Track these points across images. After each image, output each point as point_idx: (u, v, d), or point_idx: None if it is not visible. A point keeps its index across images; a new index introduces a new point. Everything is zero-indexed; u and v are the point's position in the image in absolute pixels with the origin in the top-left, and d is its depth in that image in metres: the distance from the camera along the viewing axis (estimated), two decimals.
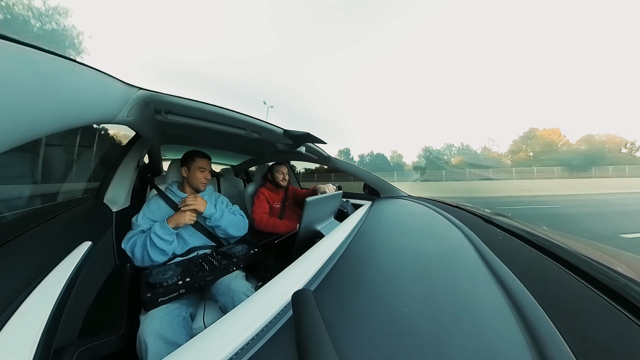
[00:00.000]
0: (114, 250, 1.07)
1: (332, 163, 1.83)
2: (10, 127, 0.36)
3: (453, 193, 17.72)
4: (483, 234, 0.73)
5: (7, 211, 0.82)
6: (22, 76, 0.34)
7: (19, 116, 0.37)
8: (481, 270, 0.51)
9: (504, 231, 0.77)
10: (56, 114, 0.45)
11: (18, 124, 0.37)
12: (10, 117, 0.35)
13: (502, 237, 0.72)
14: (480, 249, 0.61)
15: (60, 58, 0.40)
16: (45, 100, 0.40)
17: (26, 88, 0.35)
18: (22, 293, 0.48)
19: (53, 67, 0.40)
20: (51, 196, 1.11)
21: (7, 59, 0.31)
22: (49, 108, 0.42)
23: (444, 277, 0.50)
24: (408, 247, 0.69)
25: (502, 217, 0.96)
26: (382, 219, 1.11)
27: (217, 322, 0.40)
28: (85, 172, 1.39)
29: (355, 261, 0.63)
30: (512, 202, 11.15)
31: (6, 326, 0.40)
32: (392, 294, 0.45)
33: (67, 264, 0.63)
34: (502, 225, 0.82)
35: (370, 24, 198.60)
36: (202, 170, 1.22)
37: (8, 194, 0.90)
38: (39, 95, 0.38)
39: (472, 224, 0.86)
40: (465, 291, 0.44)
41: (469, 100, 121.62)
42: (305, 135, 1.17)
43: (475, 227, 0.83)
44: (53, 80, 0.40)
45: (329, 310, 0.40)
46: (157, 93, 0.75)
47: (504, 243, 0.67)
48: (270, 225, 1.54)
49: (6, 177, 0.91)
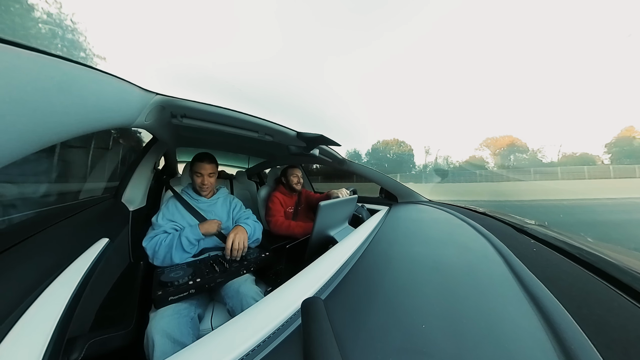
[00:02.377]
0: (129, 248, 1.14)
1: (347, 166, 1.81)
2: (39, 130, 0.40)
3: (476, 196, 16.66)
4: (514, 245, 0.69)
5: (37, 207, 0.91)
6: (50, 84, 0.38)
7: (48, 120, 0.40)
8: (512, 286, 0.47)
9: (540, 242, 0.71)
10: (81, 118, 0.49)
11: (47, 127, 0.41)
12: (40, 121, 0.39)
13: (538, 249, 0.67)
14: (510, 262, 0.57)
15: (85, 67, 0.44)
16: (71, 105, 0.44)
17: (54, 95, 0.39)
18: (43, 283, 0.52)
19: (78, 75, 0.44)
20: (75, 194, 1.21)
21: (37, 69, 0.35)
22: (74, 113, 0.46)
23: (468, 293, 0.47)
24: (428, 258, 0.66)
25: (536, 226, 0.89)
26: (399, 226, 1.08)
27: (224, 325, 0.41)
28: (106, 173, 1.50)
29: (370, 270, 0.61)
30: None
31: (26, 314, 0.43)
32: (409, 308, 0.43)
33: (85, 258, 0.68)
34: (537, 235, 0.77)
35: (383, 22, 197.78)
36: (198, 176, 1.21)
37: (38, 192, 0.99)
38: (65, 101, 0.42)
39: (501, 233, 0.81)
40: (493, 310, 0.41)
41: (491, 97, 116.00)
42: (319, 137, 1.17)
43: (505, 236, 0.78)
44: (78, 87, 0.44)
45: (340, 321, 0.39)
46: (173, 98, 0.79)
47: (540, 256, 0.62)
48: (285, 227, 1.55)
49: (37, 175, 1.00)
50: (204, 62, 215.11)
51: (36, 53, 0.34)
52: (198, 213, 1.20)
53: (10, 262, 0.52)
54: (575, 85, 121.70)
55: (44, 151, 0.94)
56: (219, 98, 0.89)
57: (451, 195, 16.87)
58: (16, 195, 0.83)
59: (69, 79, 0.42)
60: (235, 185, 2.16)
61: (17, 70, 0.32)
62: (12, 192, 0.82)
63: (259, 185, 2.56)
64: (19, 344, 0.38)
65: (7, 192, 0.81)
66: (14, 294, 0.46)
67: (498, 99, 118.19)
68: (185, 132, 1.34)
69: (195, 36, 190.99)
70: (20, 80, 0.32)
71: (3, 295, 0.44)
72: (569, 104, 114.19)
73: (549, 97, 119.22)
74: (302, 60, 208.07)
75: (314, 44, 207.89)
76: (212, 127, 1.02)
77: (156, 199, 1.51)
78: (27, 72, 0.33)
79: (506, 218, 1.04)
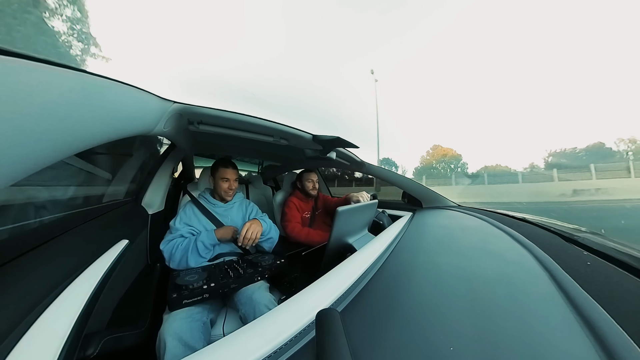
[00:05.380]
0: (147, 250, 1.22)
1: (366, 169, 1.79)
2: (68, 139, 0.45)
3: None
4: (562, 257, 0.62)
5: (66, 209, 1.01)
6: (77, 96, 0.43)
7: (76, 129, 0.45)
8: (560, 307, 0.42)
9: (595, 254, 0.64)
10: (105, 127, 0.54)
11: (75, 136, 0.46)
12: (68, 130, 0.43)
13: (592, 262, 0.60)
14: (557, 278, 0.52)
15: (108, 79, 0.49)
16: (96, 115, 0.49)
17: (81, 106, 0.44)
18: (67, 279, 0.57)
19: (102, 87, 0.49)
20: (99, 197, 1.32)
21: (66, 83, 0.39)
22: (99, 122, 0.51)
23: (506, 313, 0.43)
24: (458, 270, 0.62)
25: (590, 235, 0.80)
26: (424, 234, 1.03)
27: (236, 332, 0.42)
28: (127, 178, 1.63)
29: (391, 282, 0.59)
30: None
31: (49, 308, 0.47)
32: (435, 327, 0.40)
33: (106, 258, 0.74)
34: (592, 245, 0.69)
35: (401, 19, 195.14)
36: (225, 181, 1.30)
37: (67, 195, 1.10)
38: (91, 112, 0.47)
39: (545, 243, 0.74)
40: (537, 334, 0.36)
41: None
42: (336, 139, 1.17)
43: (550, 247, 0.71)
44: (102, 98, 0.49)
45: (357, 337, 0.38)
46: (189, 105, 0.85)
47: (596, 271, 0.55)
48: (303, 235, 1.56)
49: (67, 179, 1.11)
50: (216, 68, 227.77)
51: (65, 69, 0.38)
52: (215, 218, 1.25)
53: (40, 260, 0.58)
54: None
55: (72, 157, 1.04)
56: (234, 103, 0.93)
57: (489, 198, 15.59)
58: (47, 197, 0.93)
59: (95, 90, 0.46)
60: (250, 190, 2.22)
61: (49, 86, 0.36)
62: (44, 195, 0.92)
63: (275, 190, 2.61)
64: (41, 336, 0.42)
65: (41, 195, 0.90)
66: (40, 289, 0.51)
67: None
68: (202, 138, 1.41)
69: (207, 41, 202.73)
70: (51, 94, 0.36)
71: (30, 291, 0.49)
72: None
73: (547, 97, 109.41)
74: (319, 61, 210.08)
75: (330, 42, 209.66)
76: (228, 133, 1.07)
77: (174, 203, 1.60)
78: (57, 86, 0.37)
79: (551, 225, 0.95)
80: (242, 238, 1.09)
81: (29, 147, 0.35)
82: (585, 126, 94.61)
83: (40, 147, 0.38)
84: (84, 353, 0.51)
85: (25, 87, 0.32)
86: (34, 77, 0.33)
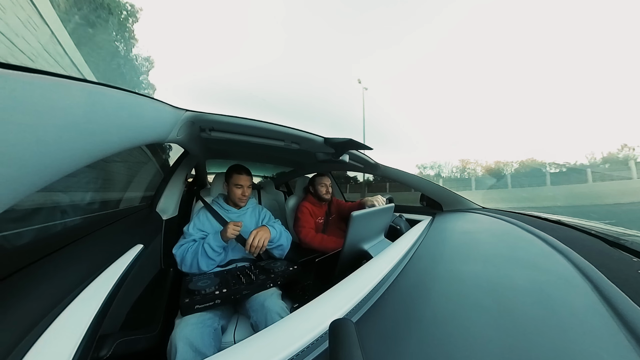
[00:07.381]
0: (161, 255, 1.28)
1: (381, 171, 1.76)
2: (88, 147, 0.48)
3: None
4: (607, 265, 0.57)
5: (86, 214, 1.08)
6: (97, 108, 0.46)
7: (95, 138, 0.49)
8: (605, 321, 0.38)
9: None
10: (122, 136, 0.58)
11: (94, 144, 0.50)
12: (87, 139, 0.47)
13: None
14: (602, 288, 0.47)
15: (124, 91, 0.53)
16: (113, 125, 0.53)
17: (100, 117, 0.48)
18: (84, 282, 0.61)
19: (118, 98, 0.52)
20: (116, 203, 1.41)
21: (84, 95, 0.43)
22: (116, 132, 0.55)
23: (541, 327, 0.39)
24: (483, 279, 0.59)
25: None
26: (446, 239, 0.99)
27: (247, 340, 0.42)
28: (143, 185, 1.71)
29: (410, 291, 0.57)
30: None
31: (66, 309, 0.50)
32: (458, 342, 0.38)
33: (121, 262, 0.78)
34: None
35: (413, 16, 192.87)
36: (239, 187, 1.33)
37: (86, 200, 1.18)
38: (109, 122, 0.51)
39: (586, 248, 0.68)
40: (578, 354, 0.33)
41: None
42: (348, 141, 1.16)
43: (591, 252, 0.65)
44: (119, 109, 0.53)
45: (373, 349, 0.37)
46: (201, 113, 0.89)
47: None
48: (317, 241, 1.55)
49: (88, 184, 1.19)
50: (222, 73, 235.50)
51: (85, 83, 0.41)
52: (227, 223, 1.28)
53: (62, 261, 0.63)
54: None
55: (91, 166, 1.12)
56: (244, 109, 0.96)
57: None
58: (69, 202, 1.00)
59: (112, 102, 0.50)
60: (263, 195, 2.25)
61: (70, 99, 0.39)
62: (66, 201, 0.99)
63: (287, 195, 2.63)
64: (57, 337, 0.44)
65: (63, 200, 0.98)
66: (60, 289, 0.54)
67: None
68: (214, 144, 1.46)
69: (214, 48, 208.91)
70: (72, 107, 0.39)
71: (51, 290, 0.52)
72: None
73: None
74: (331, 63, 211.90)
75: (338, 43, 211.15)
76: (239, 139, 1.10)
77: (187, 209, 1.66)
78: (78, 100, 0.40)
79: (592, 227, 0.88)
80: (249, 246, 1.09)
81: (52, 156, 0.38)
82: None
83: (62, 156, 0.41)
84: (97, 354, 0.53)
85: (49, 100, 0.35)
86: (56, 91, 0.36)
